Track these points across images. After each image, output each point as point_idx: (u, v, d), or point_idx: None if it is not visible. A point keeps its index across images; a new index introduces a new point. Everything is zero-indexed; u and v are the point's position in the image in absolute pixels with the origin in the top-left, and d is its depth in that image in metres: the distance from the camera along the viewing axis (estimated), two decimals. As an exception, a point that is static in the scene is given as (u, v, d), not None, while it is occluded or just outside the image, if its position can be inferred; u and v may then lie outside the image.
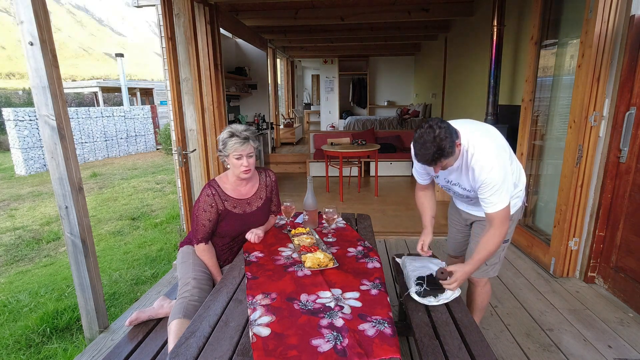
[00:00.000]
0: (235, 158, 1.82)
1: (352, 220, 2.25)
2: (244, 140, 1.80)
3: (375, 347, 1.09)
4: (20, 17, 1.84)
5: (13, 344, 2.48)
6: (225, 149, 1.82)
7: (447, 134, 1.41)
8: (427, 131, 1.41)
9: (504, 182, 1.51)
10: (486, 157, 1.52)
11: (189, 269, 1.84)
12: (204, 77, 3.38)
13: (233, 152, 1.80)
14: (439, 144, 1.40)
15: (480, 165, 1.51)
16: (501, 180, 1.50)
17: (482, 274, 1.87)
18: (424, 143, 1.42)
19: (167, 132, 10.95)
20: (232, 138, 1.80)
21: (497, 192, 1.52)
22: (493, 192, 1.52)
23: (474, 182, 1.56)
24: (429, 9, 4.94)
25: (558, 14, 3.02)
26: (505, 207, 1.54)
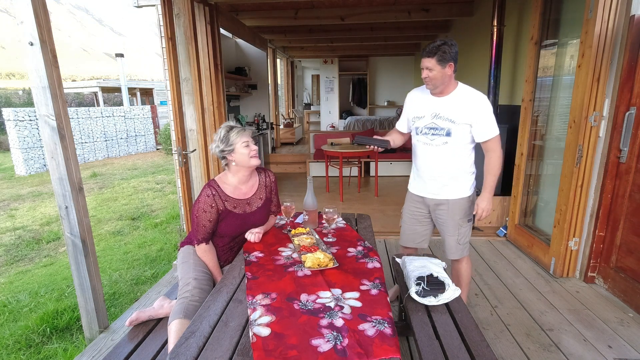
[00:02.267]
0: (244, 146, 1.84)
1: (352, 220, 2.25)
2: (241, 129, 1.87)
3: (375, 347, 1.09)
4: (20, 17, 1.84)
5: (13, 344, 2.48)
6: (230, 143, 1.83)
7: (452, 49, 1.77)
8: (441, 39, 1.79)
9: (493, 115, 1.86)
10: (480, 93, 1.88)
11: (189, 269, 1.84)
12: (204, 77, 3.38)
13: (240, 141, 1.83)
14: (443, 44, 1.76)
15: (478, 94, 1.87)
16: (492, 112, 1.86)
17: (461, 254, 2.11)
18: (436, 40, 1.79)
19: (167, 132, 10.95)
20: (232, 130, 1.86)
21: (492, 119, 1.86)
22: (488, 119, 1.85)
23: (472, 109, 1.84)
24: (429, 9, 4.94)
25: (558, 14, 3.02)
26: (498, 134, 1.89)
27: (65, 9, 50.44)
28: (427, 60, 1.79)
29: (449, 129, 1.88)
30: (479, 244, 3.44)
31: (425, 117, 1.94)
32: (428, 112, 1.92)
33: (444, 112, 1.88)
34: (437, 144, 1.92)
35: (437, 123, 1.90)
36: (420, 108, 1.96)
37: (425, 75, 1.83)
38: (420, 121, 1.96)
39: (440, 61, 1.77)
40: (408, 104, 2.06)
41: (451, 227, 2.04)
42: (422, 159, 2.02)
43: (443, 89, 1.87)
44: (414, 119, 1.99)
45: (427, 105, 1.93)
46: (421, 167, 2.04)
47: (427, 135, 1.94)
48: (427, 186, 2.05)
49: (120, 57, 13.26)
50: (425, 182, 2.05)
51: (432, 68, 1.79)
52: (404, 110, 2.10)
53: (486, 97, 1.87)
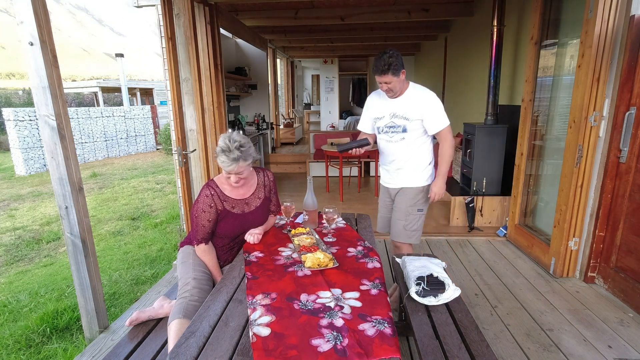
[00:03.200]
0: (226, 171, 1.80)
1: (352, 220, 2.25)
2: (232, 162, 1.73)
3: (375, 347, 1.09)
4: (20, 17, 1.84)
5: (13, 344, 2.48)
6: (218, 159, 1.78)
7: (398, 59, 1.99)
8: (385, 52, 2.00)
9: (441, 108, 2.11)
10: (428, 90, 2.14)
11: (189, 269, 1.84)
12: (204, 77, 3.38)
13: (223, 168, 1.77)
14: (390, 58, 1.97)
15: (425, 91, 2.12)
16: (440, 106, 2.11)
17: (406, 239, 2.31)
18: (381, 57, 1.99)
19: (167, 132, 10.96)
20: (222, 155, 1.73)
21: (441, 112, 2.11)
22: (436, 112, 2.09)
23: (421, 105, 2.08)
24: (429, 9, 4.94)
25: (558, 14, 3.02)
26: (448, 124, 2.14)
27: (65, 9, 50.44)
28: (384, 77, 2.01)
29: (405, 126, 2.14)
30: (479, 244, 3.44)
31: (384, 118, 2.19)
32: (387, 113, 2.17)
33: (400, 111, 2.13)
34: (396, 140, 2.18)
35: (395, 121, 2.15)
36: (380, 110, 2.20)
37: (386, 89, 2.08)
38: (380, 121, 2.21)
39: (394, 73, 1.99)
40: (369, 107, 2.28)
41: (401, 212, 2.28)
42: (385, 154, 2.28)
43: (399, 90, 2.12)
44: (375, 119, 2.23)
45: (385, 106, 2.18)
46: (386, 161, 2.31)
47: (387, 133, 2.20)
48: (392, 177, 2.31)
49: (120, 57, 13.25)
50: (390, 174, 2.31)
51: (390, 81, 2.02)
52: (364, 113, 2.32)
53: (434, 93, 2.12)
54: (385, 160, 2.31)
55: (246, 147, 1.77)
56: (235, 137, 1.77)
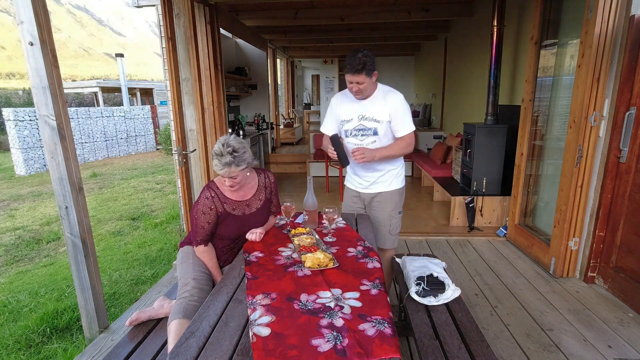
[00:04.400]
0: (222, 180, 1.80)
1: (352, 220, 2.25)
2: (223, 166, 1.71)
3: (375, 347, 1.09)
4: (21, 17, 1.84)
5: (13, 344, 2.48)
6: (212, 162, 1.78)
7: (372, 59, 1.90)
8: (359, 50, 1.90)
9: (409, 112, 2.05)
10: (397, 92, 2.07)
11: (188, 269, 1.84)
12: (204, 77, 3.38)
13: (218, 172, 1.75)
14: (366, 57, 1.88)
15: (395, 93, 2.04)
16: (408, 110, 2.04)
17: (391, 244, 2.29)
18: (355, 55, 1.88)
19: (167, 132, 10.95)
20: (215, 158, 1.73)
21: (407, 117, 2.03)
22: (404, 115, 2.02)
23: (390, 107, 2.00)
24: (429, 9, 4.94)
25: (558, 14, 3.02)
26: (412, 131, 2.06)
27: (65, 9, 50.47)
28: (356, 76, 1.90)
29: (375, 128, 2.04)
30: (479, 244, 3.44)
31: (352, 120, 2.07)
32: (355, 115, 2.06)
33: (369, 113, 2.03)
34: (367, 143, 2.07)
35: (364, 124, 2.05)
36: (347, 112, 2.08)
37: (356, 89, 1.96)
38: (348, 124, 2.09)
39: (368, 74, 1.90)
40: (334, 109, 2.15)
41: (384, 218, 2.22)
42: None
43: (368, 93, 2.02)
44: (342, 122, 2.11)
45: (353, 108, 2.07)
46: (355, 165, 2.19)
47: (356, 136, 2.09)
48: (363, 182, 2.22)
49: (120, 57, 13.26)
50: (360, 178, 2.22)
51: (362, 82, 1.92)
52: (328, 115, 2.20)
53: (402, 95, 2.05)
54: (353, 164, 2.17)
55: (240, 152, 1.74)
56: (231, 141, 1.75)
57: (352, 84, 1.95)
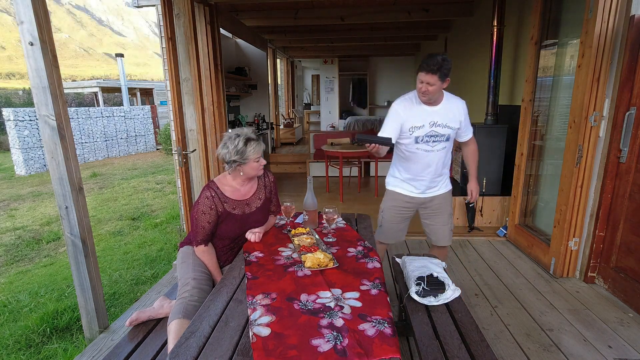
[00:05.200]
0: (256, 161, 1.86)
1: (352, 220, 2.25)
2: (258, 140, 1.86)
3: (375, 347, 1.09)
4: (21, 17, 1.84)
5: (13, 344, 2.48)
6: (245, 157, 1.82)
7: (449, 65, 1.89)
8: (438, 54, 1.89)
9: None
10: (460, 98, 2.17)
11: (188, 269, 1.84)
12: (204, 77, 3.38)
13: (254, 156, 1.84)
14: (444, 61, 1.87)
15: (461, 100, 2.14)
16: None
17: (450, 240, 2.33)
18: (434, 56, 1.88)
19: (167, 132, 10.96)
20: (250, 143, 1.82)
21: (469, 120, 2.18)
22: (468, 120, 2.17)
23: (460, 113, 2.09)
24: (429, 9, 4.94)
25: (558, 14, 3.02)
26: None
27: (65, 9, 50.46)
28: (430, 76, 1.88)
29: (448, 135, 2.08)
30: (479, 244, 3.44)
31: (424, 127, 2.05)
32: (426, 122, 2.04)
33: (441, 120, 2.04)
34: (438, 149, 2.09)
35: (437, 131, 2.05)
36: (417, 118, 2.04)
37: (424, 90, 1.93)
38: (419, 131, 2.05)
39: (442, 77, 1.89)
40: (400, 114, 2.07)
41: (446, 217, 2.28)
42: (421, 164, 2.13)
43: (436, 99, 2.02)
44: (412, 129, 2.05)
45: (424, 115, 2.04)
46: (419, 171, 2.16)
47: (428, 143, 2.07)
48: (423, 187, 2.20)
49: (120, 57, 13.26)
50: (422, 184, 2.19)
51: (433, 83, 1.90)
52: (391, 120, 2.09)
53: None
54: (419, 170, 2.15)
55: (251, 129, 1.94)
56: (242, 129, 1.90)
57: (422, 84, 1.93)
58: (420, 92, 1.98)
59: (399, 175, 2.26)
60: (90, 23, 52.04)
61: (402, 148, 2.14)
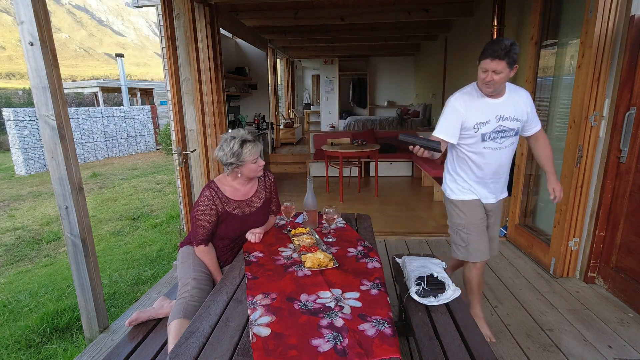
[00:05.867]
0: (253, 162, 1.86)
1: (352, 220, 2.25)
2: (254, 142, 1.85)
3: (375, 347, 1.09)
4: (21, 17, 1.84)
5: (13, 344, 2.48)
6: (241, 159, 1.82)
7: (517, 49, 1.68)
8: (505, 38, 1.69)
9: None
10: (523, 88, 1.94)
11: (188, 269, 1.84)
12: (204, 77, 3.38)
13: (251, 158, 1.84)
14: (512, 45, 1.67)
15: (524, 89, 1.91)
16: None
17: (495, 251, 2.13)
18: (500, 40, 1.68)
19: (167, 132, 10.95)
20: (246, 145, 1.82)
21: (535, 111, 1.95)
22: (534, 110, 1.92)
23: (526, 103, 1.87)
24: (429, 9, 4.94)
25: (558, 14, 3.02)
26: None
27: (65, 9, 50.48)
28: (497, 62, 1.67)
29: (517, 128, 1.87)
30: (479, 244, 3.44)
31: (490, 122, 1.83)
32: (492, 116, 1.82)
33: (508, 112, 1.83)
34: (507, 146, 1.88)
35: (505, 125, 1.83)
36: (482, 113, 1.82)
37: (489, 79, 1.72)
38: (486, 127, 1.83)
39: (510, 64, 1.68)
40: (460, 111, 1.83)
41: (498, 225, 2.10)
42: (489, 164, 1.90)
43: (501, 90, 1.81)
44: (478, 125, 1.83)
45: (489, 109, 1.83)
46: (487, 172, 1.93)
47: (495, 139, 1.85)
48: (491, 191, 1.99)
49: (120, 57, 13.26)
50: (490, 186, 1.98)
51: (500, 71, 1.69)
52: (448, 118, 1.85)
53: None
54: (486, 171, 1.92)
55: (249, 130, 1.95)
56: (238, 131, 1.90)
57: (487, 73, 1.71)
58: (483, 83, 1.76)
59: (464, 181, 1.99)
60: (90, 23, 52.06)
61: (465, 150, 1.91)
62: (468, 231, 1.99)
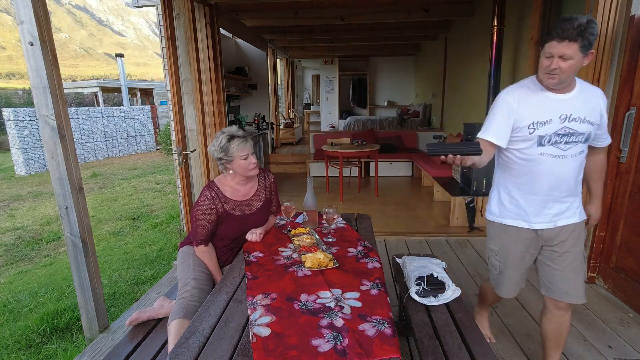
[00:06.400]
0: (243, 159, 1.84)
1: (352, 220, 2.25)
2: (244, 138, 1.84)
3: (375, 347, 1.09)
4: (20, 17, 1.84)
5: (13, 344, 2.48)
6: (229, 154, 1.82)
7: (595, 30, 1.32)
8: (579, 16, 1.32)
9: None
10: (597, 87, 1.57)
11: (188, 269, 1.84)
12: (204, 77, 3.38)
13: (239, 154, 1.82)
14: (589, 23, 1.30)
15: (598, 88, 1.53)
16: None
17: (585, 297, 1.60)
18: (575, 17, 1.31)
19: (167, 132, 10.95)
20: (233, 140, 1.82)
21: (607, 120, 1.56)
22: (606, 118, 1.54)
23: (601, 105, 1.49)
24: (429, 9, 4.94)
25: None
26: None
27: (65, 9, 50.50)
28: (566, 45, 1.31)
29: (588, 133, 1.46)
30: (479, 244, 3.44)
31: (552, 122, 1.45)
32: (555, 115, 1.45)
33: (578, 112, 1.45)
34: (573, 154, 1.48)
35: (572, 127, 1.44)
36: (541, 110, 1.46)
37: (555, 67, 1.35)
38: (545, 128, 1.46)
39: (584, 47, 1.32)
40: (512, 107, 1.49)
41: (580, 259, 1.58)
42: (546, 176, 1.50)
43: (569, 82, 1.44)
44: (535, 125, 1.46)
45: (551, 106, 1.46)
46: (543, 186, 1.51)
47: (558, 144, 1.46)
48: (548, 213, 1.55)
49: (120, 57, 13.27)
50: (545, 207, 1.54)
51: (570, 56, 1.32)
52: (497, 115, 1.52)
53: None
54: (542, 185, 1.51)
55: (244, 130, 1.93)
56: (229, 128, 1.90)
57: (553, 58, 1.35)
58: (546, 72, 1.40)
59: (509, 199, 1.60)
60: (90, 23, 52.09)
61: (516, 156, 1.54)
62: (500, 258, 1.67)
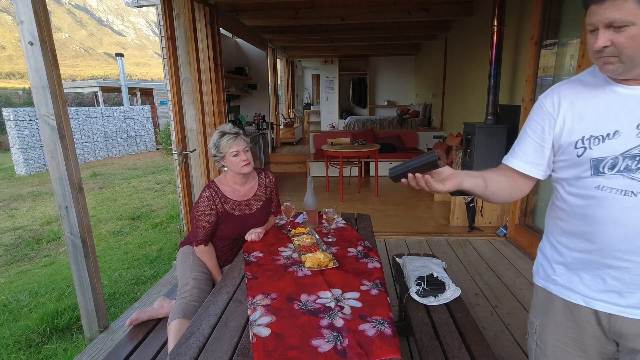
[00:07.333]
0: (233, 155, 1.83)
1: (352, 220, 2.25)
2: (235, 135, 1.85)
3: (376, 348, 1.09)
4: (20, 17, 1.84)
5: (13, 344, 2.48)
6: (220, 150, 1.83)
7: None
8: None
9: None
10: None
11: (188, 269, 1.84)
12: (204, 77, 3.38)
13: (229, 150, 1.82)
14: None
15: None
16: None
17: None
18: None
19: (167, 132, 10.95)
20: (224, 137, 1.84)
21: None
22: None
23: None
24: (429, 9, 4.94)
25: (558, 14, 3.02)
26: None
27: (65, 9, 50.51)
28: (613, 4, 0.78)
29: None
30: (479, 244, 3.44)
31: (621, 136, 0.87)
32: (625, 123, 0.87)
33: None
34: None
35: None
36: (604, 117, 0.89)
37: (602, 43, 0.81)
38: (606, 145, 0.88)
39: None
40: (553, 116, 0.97)
41: None
42: (614, 225, 0.88)
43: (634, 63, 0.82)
44: (590, 140, 0.90)
45: (618, 107, 0.88)
46: (605, 241, 0.91)
47: (632, 172, 0.85)
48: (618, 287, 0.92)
49: (120, 57, 13.27)
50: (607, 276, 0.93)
51: (627, 20, 0.77)
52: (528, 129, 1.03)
53: None
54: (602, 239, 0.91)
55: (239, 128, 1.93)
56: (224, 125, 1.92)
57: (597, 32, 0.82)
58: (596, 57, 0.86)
59: (558, 256, 1.09)
60: (90, 23, 52.09)
61: (565, 189, 0.99)
62: (542, 337, 1.15)
